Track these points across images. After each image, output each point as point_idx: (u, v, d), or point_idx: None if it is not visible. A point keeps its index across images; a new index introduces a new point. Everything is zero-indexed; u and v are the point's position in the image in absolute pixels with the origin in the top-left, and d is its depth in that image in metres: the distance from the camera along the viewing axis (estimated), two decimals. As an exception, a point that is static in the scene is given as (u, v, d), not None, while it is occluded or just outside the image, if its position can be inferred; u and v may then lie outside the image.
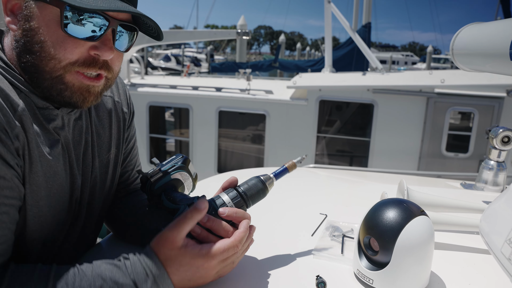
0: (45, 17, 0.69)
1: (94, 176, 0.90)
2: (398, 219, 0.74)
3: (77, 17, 0.68)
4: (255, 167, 6.12)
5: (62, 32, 0.69)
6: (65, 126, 0.80)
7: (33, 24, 0.70)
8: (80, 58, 0.72)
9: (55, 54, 0.70)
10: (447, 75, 5.26)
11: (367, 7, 9.45)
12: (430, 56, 28.09)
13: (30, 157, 0.71)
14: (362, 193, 1.47)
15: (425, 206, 0.90)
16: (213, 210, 0.77)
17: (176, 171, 0.88)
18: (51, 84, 0.72)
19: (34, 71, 0.72)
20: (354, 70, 7.92)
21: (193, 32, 7.75)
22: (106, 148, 0.94)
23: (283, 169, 0.87)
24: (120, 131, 0.98)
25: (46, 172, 0.75)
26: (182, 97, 5.96)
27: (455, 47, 1.10)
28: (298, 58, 34.27)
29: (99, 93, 0.79)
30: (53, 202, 0.78)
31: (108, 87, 0.82)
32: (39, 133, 0.73)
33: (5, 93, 0.67)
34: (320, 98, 5.40)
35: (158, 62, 25.14)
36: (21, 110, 0.69)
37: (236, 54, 19.85)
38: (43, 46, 0.70)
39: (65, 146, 0.80)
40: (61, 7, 0.68)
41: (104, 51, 0.72)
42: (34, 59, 0.71)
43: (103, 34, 0.72)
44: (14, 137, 0.66)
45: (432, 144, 5.23)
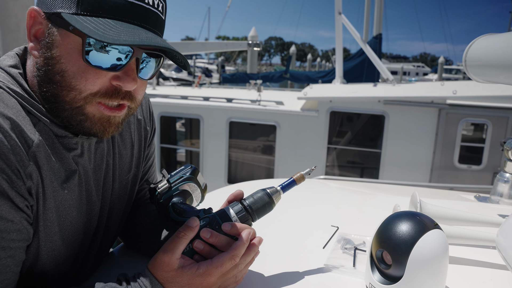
0: (67, 45, 0.66)
1: (113, 198, 0.88)
2: (411, 232, 0.73)
3: (100, 45, 0.65)
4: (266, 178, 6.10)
5: (83, 62, 0.66)
6: (84, 154, 0.78)
7: (54, 52, 0.67)
8: (101, 89, 0.68)
9: (76, 84, 0.67)
10: (459, 86, 5.21)
11: (377, 18, 9.46)
12: (442, 66, 27.92)
13: (44, 194, 0.69)
14: (373, 205, 1.45)
15: (438, 219, 0.88)
16: (216, 225, 0.75)
17: (183, 182, 0.87)
18: (71, 114, 0.69)
19: (54, 101, 0.69)
20: (365, 81, 7.90)
21: (204, 43, 7.84)
22: (126, 169, 0.92)
23: (290, 181, 0.83)
24: (141, 150, 0.96)
25: (60, 206, 0.73)
26: (193, 107, 6.00)
27: (468, 59, 1.09)
28: (309, 69, 34.35)
29: (120, 123, 0.76)
30: (67, 235, 0.76)
31: (129, 116, 0.78)
32: (55, 167, 0.71)
33: (20, 129, 0.65)
34: (331, 109, 5.38)
35: (169, 73, 25.39)
36: (36, 146, 0.67)
37: (247, 65, 19.96)
38: (64, 76, 0.67)
39: (83, 175, 0.78)
40: (83, 37, 0.65)
41: (127, 82, 0.68)
42: (54, 89, 0.68)
43: (126, 64, 0.68)
44: (27, 176, 0.65)
45: (444, 156, 5.17)
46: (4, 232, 0.62)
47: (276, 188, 0.82)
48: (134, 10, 0.65)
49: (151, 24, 0.68)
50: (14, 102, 0.67)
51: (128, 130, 0.92)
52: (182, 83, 16.20)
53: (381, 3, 9.36)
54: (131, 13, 0.65)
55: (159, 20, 0.70)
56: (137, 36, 0.63)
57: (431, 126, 5.13)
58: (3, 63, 0.72)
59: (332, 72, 9.39)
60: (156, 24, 0.70)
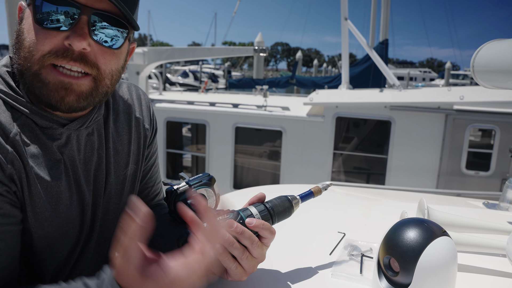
0: (28, 17, 0.72)
1: (108, 192, 0.89)
2: (419, 239, 0.73)
3: (49, 9, 0.68)
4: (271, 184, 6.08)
5: (36, 25, 0.70)
6: (70, 144, 0.79)
7: (21, 25, 0.73)
8: (53, 49, 0.70)
9: (29, 46, 0.70)
10: (467, 92, 5.18)
11: (384, 23, 9.46)
12: (449, 72, 27.81)
13: (28, 180, 0.71)
14: (380, 211, 1.44)
15: (446, 226, 0.88)
16: (240, 219, 0.77)
17: (202, 187, 0.90)
18: (31, 82, 0.72)
19: (19, 71, 0.73)
20: (371, 87, 7.88)
21: (211, 49, 7.88)
22: (123, 164, 0.93)
23: (309, 192, 0.87)
24: (140, 148, 0.98)
25: (47, 193, 0.74)
26: (199, 113, 6.02)
27: (476, 64, 1.08)
28: (315, 74, 34.36)
29: (83, 94, 0.74)
30: (59, 222, 0.77)
31: (101, 92, 0.78)
32: (37, 154, 0.74)
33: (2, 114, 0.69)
34: (337, 115, 5.38)
35: (176, 78, 25.54)
36: (13, 135, 0.70)
37: (253, 71, 20.01)
38: (24, 43, 0.71)
39: (70, 165, 0.79)
40: (33, 1, 0.70)
41: (74, 38, 0.69)
42: (17, 58, 0.72)
43: (75, 23, 0.69)
44: (7, 162, 0.68)
45: (451, 162, 5.13)
46: None
47: (296, 196, 0.85)
48: None
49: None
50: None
51: (125, 126, 0.94)
52: (188, 89, 16.27)
53: (387, 9, 9.36)
54: None
55: None
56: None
57: (438, 132, 5.10)
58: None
59: (338, 78, 9.38)
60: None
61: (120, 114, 0.94)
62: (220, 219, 0.76)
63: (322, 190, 0.87)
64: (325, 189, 0.88)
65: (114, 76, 0.79)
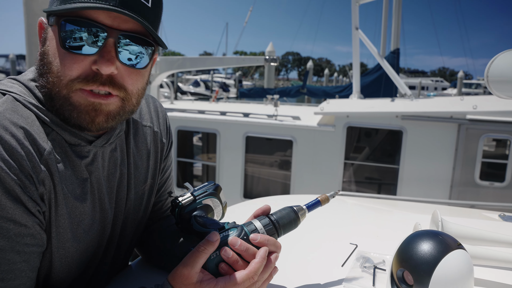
0: (52, 39, 0.70)
1: (128, 207, 0.89)
2: (433, 252, 0.71)
3: (75, 32, 0.66)
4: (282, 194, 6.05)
5: (62, 49, 0.68)
6: (97, 162, 0.79)
7: (46, 47, 0.71)
8: (81, 74, 0.69)
9: (57, 71, 0.69)
10: (480, 101, 5.12)
11: (395, 33, 9.43)
12: (461, 81, 27.57)
13: (56, 201, 0.71)
14: (392, 222, 1.42)
15: (461, 239, 0.86)
16: (244, 235, 0.76)
17: (207, 197, 0.89)
18: (61, 105, 0.71)
19: (49, 95, 0.71)
20: (383, 96, 7.85)
21: (222, 59, 7.92)
22: (142, 180, 0.93)
23: (316, 201, 0.85)
24: (157, 162, 0.98)
25: (71, 213, 0.74)
26: (210, 122, 6.05)
27: (490, 74, 1.07)
28: (326, 84, 34.35)
29: (112, 114, 0.74)
30: (80, 242, 0.77)
31: (128, 111, 0.77)
32: (66, 174, 0.73)
33: (33, 138, 0.68)
34: (348, 125, 5.35)
35: (187, 87, 25.75)
36: (47, 154, 0.69)
37: (264, 80, 20.09)
38: (50, 67, 0.70)
39: (95, 183, 0.79)
40: (58, 23, 0.68)
41: (102, 63, 0.68)
42: (44, 81, 0.71)
43: (102, 47, 0.68)
44: (39, 182, 0.67)
45: (464, 172, 5.05)
46: (18, 236, 0.64)
47: (302, 206, 0.84)
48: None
49: (129, 9, 0.67)
50: (29, 113, 0.70)
51: (144, 141, 0.94)
52: (199, 98, 16.38)
53: (398, 18, 9.34)
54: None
55: (140, 6, 0.69)
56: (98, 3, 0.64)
57: (451, 142, 5.03)
58: (24, 78, 0.76)
59: (349, 87, 9.36)
60: (136, 9, 0.68)
61: (139, 129, 0.94)
62: (224, 234, 0.75)
63: (329, 198, 0.86)
64: (332, 196, 0.86)
65: (140, 95, 0.78)
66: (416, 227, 1.02)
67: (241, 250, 0.73)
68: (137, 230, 0.96)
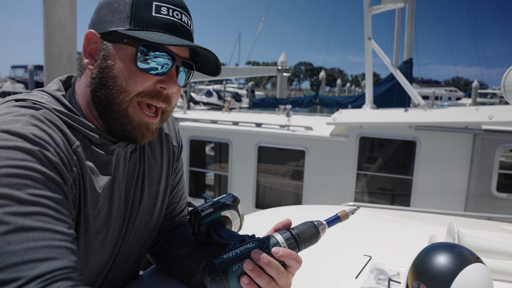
0: (121, 55, 0.79)
1: (142, 207, 0.93)
2: (450, 265, 0.70)
3: (148, 55, 0.78)
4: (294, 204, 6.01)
5: (134, 68, 0.78)
6: (120, 162, 0.86)
7: (109, 62, 0.79)
8: (146, 90, 0.80)
9: (126, 87, 0.79)
10: (496, 111, 5.03)
11: (408, 43, 9.39)
12: (476, 91, 27.24)
13: (84, 189, 0.77)
14: (407, 234, 1.40)
15: (479, 252, 0.84)
16: (266, 248, 0.76)
17: (226, 209, 0.90)
18: (117, 117, 0.80)
19: (106, 104, 0.80)
20: (396, 107, 7.78)
21: (234, 69, 7.98)
22: (156, 180, 0.98)
23: (335, 217, 0.84)
24: (169, 164, 1.03)
25: (94, 207, 0.79)
26: (222, 132, 6.07)
27: (507, 84, 1.05)
28: (338, 94, 34.27)
29: (155, 130, 0.86)
30: (98, 235, 0.81)
31: (162, 122, 0.88)
32: (92, 169, 0.79)
33: (64, 133, 0.75)
34: (361, 135, 5.31)
35: (200, 97, 25.97)
36: (76, 146, 0.76)
37: (277, 90, 20.13)
38: (116, 81, 0.79)
39: (117, 181, 0.85)
40: (136, 46, 0.77)
41: (170, 84, 0.80)
42: (107, 93, 0.80)
43: (169, 70, 0.80)
44: (72, 165, 0.73)
45: (480, 184, 4.96)
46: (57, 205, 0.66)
47: (322, 222, 0.84)
48: (175, 25, 0.80)
49: (186, 38, 0.82)
50: (58, 119, 0.77)
51: (158, 143, 1.00)
52: (212, 108, 16.47)
53: (411, 28, 9.31)
54: (173, 27, 0.79)
55: (191, 37, 0.84)
56: (185, 42, 0.78)
57: (466, 153, 4.95)
58: (49, 89, 0.83)
59: (362, 97, 9.31)
60: (190, 38, 0.83)
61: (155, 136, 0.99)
62: (246, 247, 0.75)
63: (349, 214, 0.85)
64: (352, 213, 0.85)
65: (174, 107, 0.89)
66: (431, 239, 1.01)
67: (264, 263, 0.73)
68: (150, 233, 0.99)
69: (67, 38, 8.14)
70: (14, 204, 0.58)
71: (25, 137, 0.66)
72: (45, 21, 7.84)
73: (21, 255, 0.55)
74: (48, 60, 8.13)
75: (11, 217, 0.57)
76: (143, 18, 0.78)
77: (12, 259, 0.54)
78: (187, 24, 0.83)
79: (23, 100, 0.76)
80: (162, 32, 0.78)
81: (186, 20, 0.82)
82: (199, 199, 6.60)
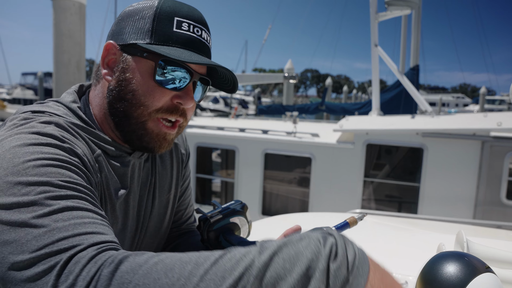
0: (140, 69, 0.78)
1: (153, 216, 0.94)
2: (460, 275, 0.69)
3: (166, 70, 0.77)
4: (300, 211, 5.97)
5: (153, 82, 0.78)
6: (135, 172, 0.87)
7: (128, 75, 0.79)
8: (164, 106, 0.80)
9: (145, 101, 0.78)
10: (505, 118, 4.99)
11: (414, 49, 9.37)
12: (484, 97, 27.05)
13: (104, 197, 0.77)
14: (414, 242, 1.38)
15: (489, 261, 0.83)
16: None
17: (235, 216, 0.90)
18: (135, 129, 0.81)
19: (123, 116, 0.80)
20: (403, 113, 7.75)
21: (241, 76, 8.00)
22: (166, 189, 0.98)
23: (344, 223, 0.84)
24: (179, 171, 1.04)
25: (110, 216, 0.80)
26: (229, 138, 6.08)
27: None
28: (345, 101, 34.21)
29: (172, 140, 0.86)
30: None
31: (178, 134, 0.88)
32: (109, 179, 0.79)
33: (85, 140, 0.76)
34: (367, 142, 5.29)
35: (207, 104, 26.07)
36: (97, 155, 0.77)
37: (283, 97, 20.16)
38: (134, 94, 0.79)
39: (132, 192, 0.86)
40: (155, 61, 0.77)
41: (187, 100, 0.80)
42: (125, 106, 0.80)
43: (187, 85, 0.80)
44: (95, 172, 0.74)
45: (489, 191, 4.90)
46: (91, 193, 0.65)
47: (332, 228, 0.82)
48: (195, 41, 0.80)
49: (205, 55, 0.82)
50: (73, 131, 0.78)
51: (167, 152, 1.01)
52: (219, 114, 16.52)
53: (417, 35, 9.29)
54: (192, 43, 0.80)
55: (209, 53, 0.85)
56: (204, 60, 0.77)
57: (474, 160, 4.91)
58: (65, 100, 0.83)
59: (368, 104, 9.29)
60: (209, 55, 0.84)
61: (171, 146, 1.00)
62: None
63: (357, 220, 0.85)
64: (360, 219, 0.85)
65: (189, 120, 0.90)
66: (440, 248, 0.99)
67: None
68: (160, 240, 0.99)
69: (75, 45, 8.25)
70: (54, 189, 0.58)
71: (56, 137, 0.67)
72: (54, 29, 7.96)
73: (71, 230, 0.54)
74: (57, 67, 8.24)
75: (53, 201, 0.57)
76: (164, 33, 0.78)
77: (63, 233, 0.53)
78: (206, 40, 0.83)
79: (41, 112, 0.76)
80: (182, 48, 0.78)
81: (205, 36, 0.83)
82: (206, 206, 6.60)
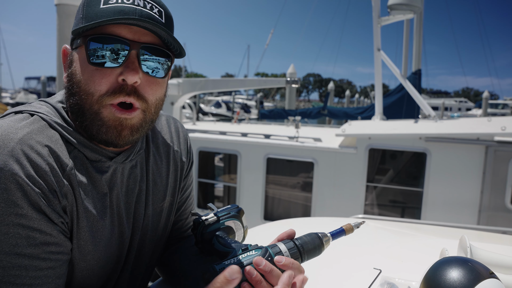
0: (79, 59, 0.76)
1: (146, 224, 0.91)
2: (463, 280, 0.68)
3: (101, 49, 0.73)
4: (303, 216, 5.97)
5: (90, 66, 0.74)
6: (116, 177, 0.83)
7: (72, 68, 0.77)
8: (110, 89, 0.75)
9: (89, 89, 0.74)
10: (509, 122, 4.96)
11: (416, 53, 9.36)
12: (487, 101, 26.96)
13: (78, 214, 0.75)
14: (417, 247, 1.37)
15: (493, 267, 0.82)
16: (269, 257, 0.75)
17: (230, 219, 0.90)
18: (91, 121, 0.76)
19: (78, 111, 0.77)
20: (405, 118, 7.73)
21: (243, 80, 8.00)
22: (161, 197, 0.95)
23: (340, 230, 0.83)
24: (177, 180, 1.00)
25: (92, 227, 0.77)
26: (231, 143, 6.08)
27: (519, 95, 1.03)
28: (347, 105, 34.18)
29: (135, 127, 0.79)
30: (100, 255, 0.80)
31: (148, 123, 0.82)
32: (87, 189, 0.77)
33: (56, 155, 0.73)
34: (370, 147, 5.28)
35: (209, 108, 26.12)
36: (69, 169, 0.74)
37: (285, 101, 20.16)
38: (80, 85, 0.75)
39: (114, 198, 0.83)
40: (85, 43, 0.74)
41: (127, 73, 0.74)
42: (76, 99, 0.77)
43: (126, 59, 0.74)
44: (62, 195, 0.71)
45: (493, 197, 4.87)
46: (44, 245, 0.68)
47: (327, 234, 0.83)
48: (123, 11, 0.72)
49: (146, 22, 0.72)
50: (54, 132, 0.76)
51: (164, 159, 0.97)
52: (221, 119, 16.54)
53: (419, 39, 9.29)
54: (121, 13, 0.72)
55: (154, 20, 0.75)
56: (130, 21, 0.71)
57: (478, 165, 4.88)
58: (52, 100, 0.82)
59: (371, 108, 9.27)
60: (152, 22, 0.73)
61: (160, 147, 0.98)
62: (248, 254, 0.74)
63: (354, 228, 0.84)
64: (357, 227, 0.84)
65: (158, 105, 0.83)
66: (443, 253, 0.98)
67: (266, 270, 0.71)
68: (156, 248, 0.97)
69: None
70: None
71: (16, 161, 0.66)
72: (58, 34, 7.99)
73: None
74: (61, 71, 8.25)
75: None
76: (92, 14, 0.73)
77: None
78: (144, 6, 0.75)
79: (21, 112, 0.76)
80: (112, 18, 0.72)
81: (143, 3, 0.75)
82: (207, 211, 6.58)
